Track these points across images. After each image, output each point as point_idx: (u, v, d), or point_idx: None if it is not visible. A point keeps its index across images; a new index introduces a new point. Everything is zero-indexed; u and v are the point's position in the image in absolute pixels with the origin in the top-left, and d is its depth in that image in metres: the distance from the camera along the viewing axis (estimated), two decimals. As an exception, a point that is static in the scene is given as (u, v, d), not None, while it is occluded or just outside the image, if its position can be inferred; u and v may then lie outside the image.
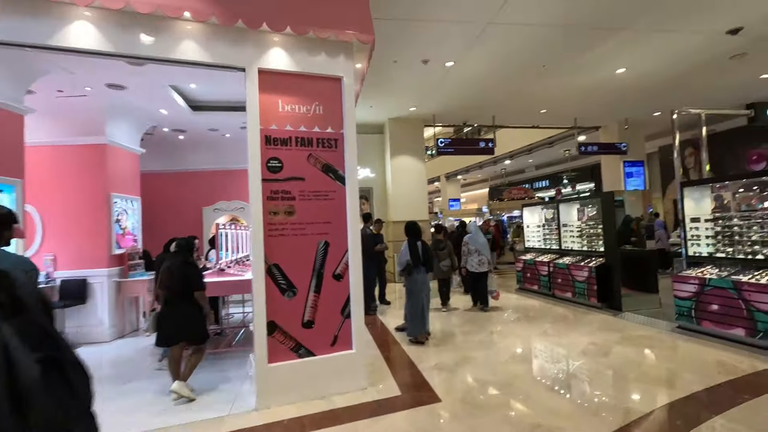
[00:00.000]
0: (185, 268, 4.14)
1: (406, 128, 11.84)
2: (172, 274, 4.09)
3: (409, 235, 5.83)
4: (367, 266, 6.99)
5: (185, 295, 4.07)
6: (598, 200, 7.35)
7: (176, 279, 4.07)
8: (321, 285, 4.06)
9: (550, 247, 8.66)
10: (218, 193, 9.41)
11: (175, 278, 4.07)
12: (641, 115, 12.43)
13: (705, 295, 5.10)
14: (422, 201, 11.98)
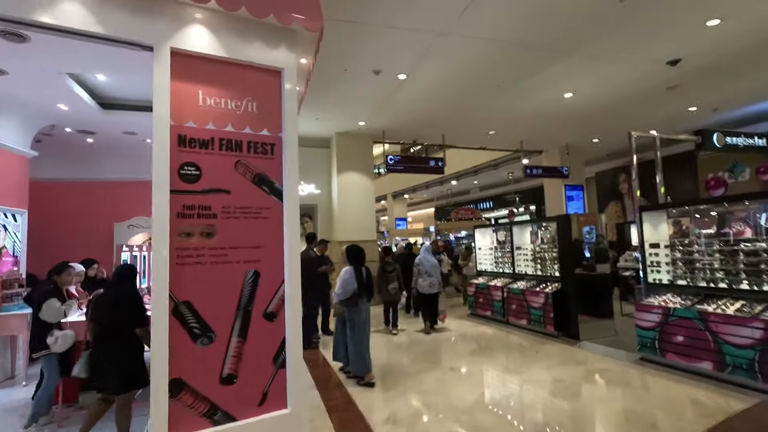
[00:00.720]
0: (123, 299, 3.49)
1: (354, 143, 11.17)
2: (107, 305, 3.48)
3: (354, 260, 5.07)
4: (309, 292, 6.26)
5: (121, 332, 3.39)
6: (554, 223, 7.06)
7: (110, 312, 3.43)
8: (248, 327, 3.15)
9: (503, 271, 8.28)
10: (135, 207, 8.06)
11: (109, 311, 3.44)
12: (581, 141, 12.79)
13: (669, 325, 4.81)
14: (370, 220, 11.29)
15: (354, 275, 4.96)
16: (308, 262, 6.57)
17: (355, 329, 4.93)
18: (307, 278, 5.31)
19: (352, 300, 4.91)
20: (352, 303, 4.93)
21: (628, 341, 6.13)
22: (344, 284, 4.90)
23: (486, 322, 8.05)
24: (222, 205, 3.16)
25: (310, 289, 6.81)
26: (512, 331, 7.20)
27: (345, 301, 4.91)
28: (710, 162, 11.88)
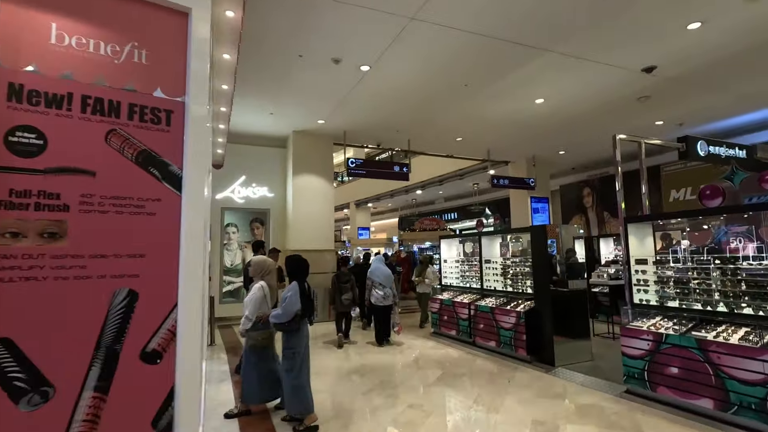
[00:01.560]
0: None
1: (313, 144, 10.18)
2: None
3: (297, 274, 4.09)
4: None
5: None
6: (527, 234, 6.36)
7: None
8: (112, 375, 2.09)
9: (470, 286, 7.50)
10: None
11: None
12: (548, 152, 12.42)
13: (661, 354, 4.13)
14: (328, 228, 10.28)
15: (298, 293, 3.96)
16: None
17: (295, 359, 3.92)
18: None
19: (293, 323, 3.92)
20: (293, 327, 3.94)
21: (607, 367, 5.45)
22: (287, 304, 3.88)
23: (451, 342, 7.21)
24: (81, 193, 2.10)
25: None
26: (480, 354, 6.39)
27: (284, 324, 3.90)
28: (674, 177, 11.79)
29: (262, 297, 4.05)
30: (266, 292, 4.06)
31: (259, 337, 3.96)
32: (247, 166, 10.15)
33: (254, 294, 4.02)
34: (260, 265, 4.30)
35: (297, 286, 3.96)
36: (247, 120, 9.26)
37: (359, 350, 6.84)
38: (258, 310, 3.98)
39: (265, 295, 4.07)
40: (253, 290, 4.03)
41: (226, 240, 9.86)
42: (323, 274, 9.76)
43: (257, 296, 4.02)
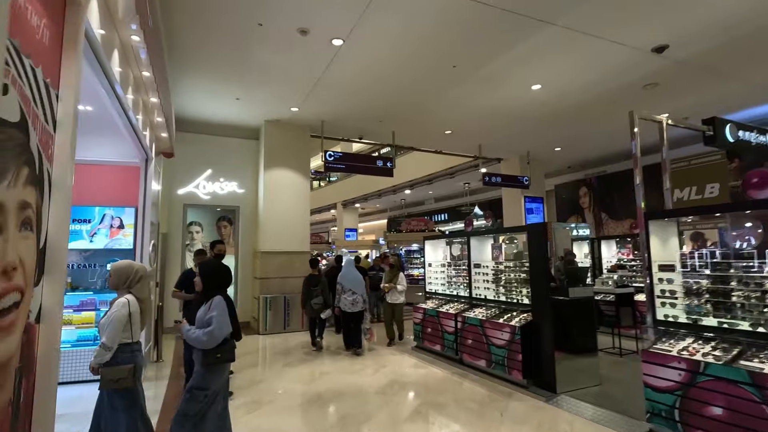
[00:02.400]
0: None
1: (287, 135, 9.15)
2: None
3: (218, 285, 3.00)
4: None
5: None
6: (524, 234, 5.38)
7: None
8: None
9: (458, 294, 6.50)
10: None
11: None
12: (543, 149, 11.51)
13: (698, 389, 3.15)
14: (303, 227, 9.24)
15: (226, 310, 2.88)
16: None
17: (202, 403, 2.71)
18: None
19: (225, 350, 2.82)
20: (221, 355, 2.81)
21: (620, 395, 4.48)
22: (216, 328, 2.74)
23: (435, 359, 6.19)
24: None
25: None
26: (468, 375, 5.39)
27: (212, 356, 2.76)
28: (677, 176, 10.89)
29: (125, 317, 2.72)
30: (134, 309, 2.79)
31: (124, 374, 2.64)
32: (213, 158, 9.10)
33: (114, 313, 2.71)
34: (122, 273, 2.84)
35: (223, 303, 2.87)
36: (211, 107, 8.22)
37: (328, 366, 5.81)
38: (121, 335, 2.71)
39: (132, 313, 2.77)
40: (113, 308, 2.77)
41: (188, 240, 8.79)
42: (298, 278, 8.71)
43: (118, 316, 2.69)
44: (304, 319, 8.53)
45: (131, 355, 2.71)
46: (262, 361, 6.40)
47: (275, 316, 8.29)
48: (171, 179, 8.71)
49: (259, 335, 8.14)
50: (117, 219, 5.80)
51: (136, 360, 2.73)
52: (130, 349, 2.72)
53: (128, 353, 2.70)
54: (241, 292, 9.13)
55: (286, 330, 8.33)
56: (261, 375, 5.61)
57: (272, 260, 8.65)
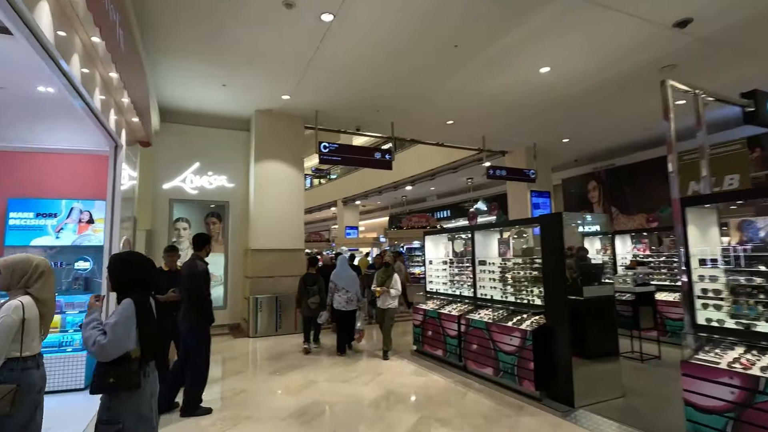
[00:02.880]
0: None
1: (279, 126, 8.59)
2: None
3: (131, 283, 2.16)
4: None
5: None
6: (536, 227, 4.78)
7: None
8: None
9: (461, 294, 5.91)
10: None
11: None
12: (550, 141, 10.88)
13: (757, 411, 2.56)
14: (297, 224, 8.67)
15: (134, 317, 2.05)
16: (194, 279, 4.08)
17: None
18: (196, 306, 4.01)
19: (126, 375, 1.98)
20: (130, 382, 1.98)
21: (648, 410, 3.89)
22: (112, 340, 1.95)
23: (436, 365, 5.61)
24: None
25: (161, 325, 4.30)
26: (472, 384, 4.80)
27: (100, 375, 1.97)
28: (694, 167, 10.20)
29: (15, 324, 2.08)
30: (30, 314, 2.14)
31: (9, 399, 1.96)
32: (202, 151, 8.54)
33: (2, 319, 2.06)
34: (16, 268, 2.21)
35: (130, 309, 2.05)
36: (197, 95, 7.66)
37: (319, 373, 5.24)
38: (9, 348, 2.06)
39: (27, 320, 2.12)
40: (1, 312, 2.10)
41: (175, 238, 8.25)
42: (291, 277, 8.18)
43: (5, 324, 2.05)
44: (297, 321, 7.98)
45: (20, 373, 2.07)
46: (248, 367, 5.85)
47: (266, 318, 7.73)
48: (156, 173, 8.17)
49: (249, 338, 7.58)
50: (86, 213, 5.26)
51: (26, 379, 2.08)
52: (21, 365, 2.08)
53: (16, 371, 2.06)
54: (231, 293, 8.58)
55: (278, 332, 7.77)
56: (245, 384, 5.05)
57: (263, 258, 8.09)
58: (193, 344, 4.09)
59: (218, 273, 8.55)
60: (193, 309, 4.03)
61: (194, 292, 4.01)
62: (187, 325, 4.08)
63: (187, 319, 4.07)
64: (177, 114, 8.33)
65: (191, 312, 4.05)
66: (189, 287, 4.02)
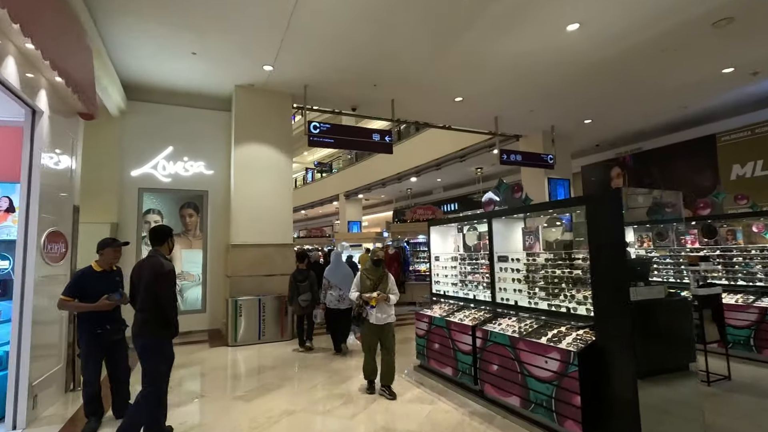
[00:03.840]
0: None
1: (264, 104, 7.43)
2: None
3: None
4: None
5: None
6: (576, 209, 3.55)
7: None
8: None
9: (476, 297, 4.71)
10: None
11: None
12: (570, 123, 9.59)
13: None
14: (284, 216, 7.52)
15: None
16: (161, 281, 3.13)
17: None
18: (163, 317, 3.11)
19: None
20: None
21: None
22: None
23: (444, 387, 4.43)
24: None
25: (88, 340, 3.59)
26: (494, 418, 3.61)
27: None
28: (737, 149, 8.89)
29: None
30: None
31: None
32: (176, 133, 7.42)
33: None
34: None
35: None
36: (165, 67, 6.53)
37: (296, 399, 4.10)
38: None
39: None
40: None
41: (145, 232, 7.16)
42: (278, 276, 7.06)
43: None
44: (284, 327, 6.85)
45: None
46: (215, 388, 4.71)
47: (247, 324, 6.61)
48: (122, 158, 7.07)
49: (228, 347, 6.47)
50: (4, 199, 4.17)
51: None
52: None
53: None
54: (211, 294, 7.47)
55: (261, 340, 6.64)
56: (202, 414, 3.93)
57: (245, 255, 6.96)
58: (151, 366, 3.10)
59: (195, 272, 7.45)
60: (158, 321, 3.09)
61: (164, 300, 3.08)
62: (145, 342, 3.09)
63: (146, 335, 3.08)
64: (146, 91, 7.21)
65: (153, 325, 3.08)
66: (157, 292, 3.06)
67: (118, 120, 7.01)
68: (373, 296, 4.13)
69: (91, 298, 3.51)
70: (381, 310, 4.20)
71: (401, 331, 7.48)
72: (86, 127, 6.89)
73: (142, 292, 3.07)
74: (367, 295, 4.18)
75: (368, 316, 4.21)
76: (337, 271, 5.96)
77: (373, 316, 4.18)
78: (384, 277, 4.32)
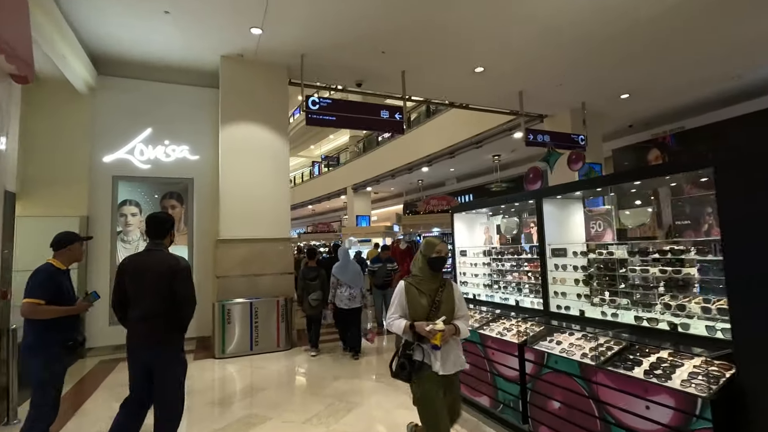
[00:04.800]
0: None
1: (255, 77, 6.35)
2: None
3: None
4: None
5: None
6: (706, 174, 2.36)
7: None
8: None
9: (518, 303, 3.57)
10: None
11: None
12: (605, 98, 8.30)
13: None
14: (281, 206, 6.45)
15: None
16: (186, 279, 2.68)
17: None
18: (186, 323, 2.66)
19: None
20: None
21: None
22: None
23: (477, 421, 3.33)
24: None
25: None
26: (555, 478, 2.51)
27: None
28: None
29: None
30: None
31: None
32: (155, 113, 6.38)
33: None
34: None
35: None
36: (137, 33, 5.49)
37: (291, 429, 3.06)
38: None
39: None
40: None
41: (121, 227, 6.16)
42: (273, 276, 6.03)
43: None
44: (280, 335, 5.81)
45: None
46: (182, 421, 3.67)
47: (237, 333, 5.57)
48: (93, 141, 6.07)
49: (215, 360, 5.44)
50: None
51: None
52: None
53: None
54: (198, 297, 6.42)
55: (254, 351, 5.60)
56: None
57: (235, 252, 5.93)
58: (175, 386, 2.62)
59: (180, 271, 6.42)
60: (173, 327, 2.60)
61: (188, 301, 2.59)
62: (169, 354, 2.60)
63: (167, 344, 2.59)
64: (118, 64, 6.18)
65: (170, 332, 2.59)
66: (179, 292, 2.53)
67: (87, 98, 6.00)
68: (437, 328, 2.18)
69: (63, 300, 2.75)
70: (449, 349, 2.32)
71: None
72: (49, 107, 5.93)
73: (151, 293, 2.52)
74: (428, 325, 2.20)
75: (429, 361, 2.26)
76: (347, 269, 5.43)
77: (437, 361, 2.27)
78: (447, 291, 2.38)
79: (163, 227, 2.70)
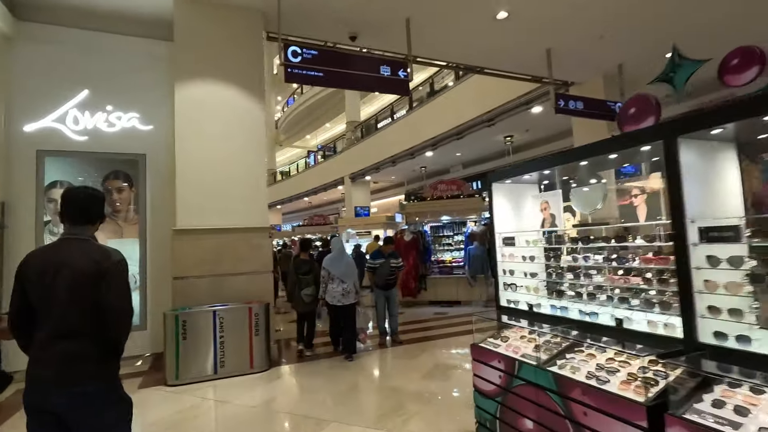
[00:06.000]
0: None
1: (220, 25, 4.89)
2: None
3: None
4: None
5: None
6: None
7: None
8: None
9: (620, 322, 2.16)
10: None
11: None
12: (646, 57, 6.84)
13: None
14: (256, 188, 5.03)
15: None
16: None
17: None
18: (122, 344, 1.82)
19: None
20: None
21: None
22: None
23: None
24: None
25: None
26: None
27: None
28: None
29: None
30: None
31: None
32: (93, 71, 4.94)
33: None
34: None
35: None
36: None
37: None
38: None
39: None
40: None
41: (50, 215, 4.75)
42: (246, 275, 4.63)
43: None
44: (254, 352, 4.41)
45: None
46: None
47: (195, 352, 4.17)
48: (8, 106, 4.63)
49: (166, 388, 4.05)
50: None
51: None
52: None
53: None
54: (153, 304, 5.02)
55: (218, 375, 4.21)
56: None
57: (196, 245, 4.53)
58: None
59: (130, 272, 5.02)
60: (107, 351, 1.67)
61: (121, 312, 1.69)
62: (101, 396, 1.62)
63: (98, 380, 1.62)
64: (44, 7, 4.73)
65: (102, 360, 1.65)
66: (107, 300, 1.63)
67: (0, 50, 4.56)
68: None
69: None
70: None
71: (427, 348, 5.10)
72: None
73: (67, 301, 1.60)
74: None
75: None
76: (339, 261, 4.96)
77: None
78: None
79: (90, 208, 1.76)
